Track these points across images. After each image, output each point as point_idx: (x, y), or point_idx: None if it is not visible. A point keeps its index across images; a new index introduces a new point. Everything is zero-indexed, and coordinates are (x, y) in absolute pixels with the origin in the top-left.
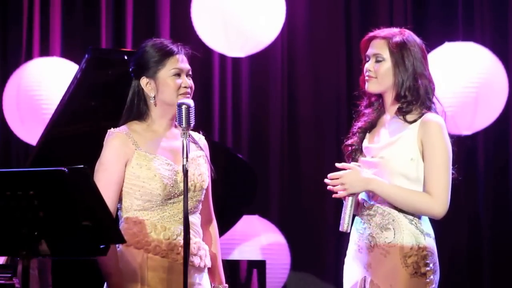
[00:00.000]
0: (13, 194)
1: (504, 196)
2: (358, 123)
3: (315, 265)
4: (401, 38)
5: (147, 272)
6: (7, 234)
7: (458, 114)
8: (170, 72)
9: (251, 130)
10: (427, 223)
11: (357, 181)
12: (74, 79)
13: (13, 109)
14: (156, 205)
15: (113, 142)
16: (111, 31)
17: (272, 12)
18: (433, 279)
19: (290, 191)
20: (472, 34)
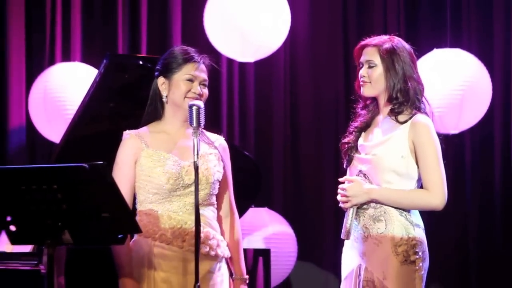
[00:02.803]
0: (38, 188)
1: (489, 190)
2: (354, 123)
3: (315, 255)
4: (391, 45)
5: (153, 259)
6: (34, 225)
7: (446, 115)
8: (184, 77)
9: (257, 129)
10: (416, 215)
11: (360, 193)
12: (93, 82)
13: (39, 110)
14: (164, 198)
15: (124, 142)
16: (127, 38)
17: (278, 22)
18: (422, 266)
19: (292, 186)
20: (459, 41)
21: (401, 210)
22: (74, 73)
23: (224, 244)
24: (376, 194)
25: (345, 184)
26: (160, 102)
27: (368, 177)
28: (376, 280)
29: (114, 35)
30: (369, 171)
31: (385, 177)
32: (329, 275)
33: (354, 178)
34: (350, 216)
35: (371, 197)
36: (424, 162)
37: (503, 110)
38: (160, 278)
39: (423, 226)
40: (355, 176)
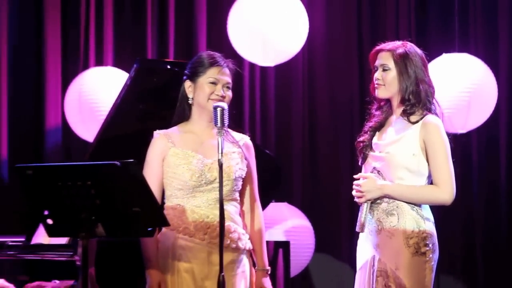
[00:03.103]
0: (73, 184)
1: (495, 186)
2: (369, 123)
3: (332, 247)
4: (404, 50)
5: (177, 250)
6: (69, 218)
7: (454, 115)
8: (208, 80)
9: (277, 129)
10: (427, 210)
11: (373, 188)
12: (124, 85)
13: (74, 112)
14: (188, 193)
15: (153, 142)
16: (155, 44)
17: (296, 29)
18: (432, 257)
19: (310, 182)
20: (467, 46)
21: (413, 204)
22: (106, 76)
23: (245, 237)
24: (388, 190)
25: (360, 180)
26: (187, 104)
27: (381, 174)
28: (389, 270)
29: (144, 41)
30: (382, 168)
31: (397, 173)
32: (344, 265)
33: (368, 174)
34: (365, 210)
35: (384, 192)
36: (434, 160)
37: (507, 112)
38: (183, 268)
39: (433, 220)
40: (369, 173)
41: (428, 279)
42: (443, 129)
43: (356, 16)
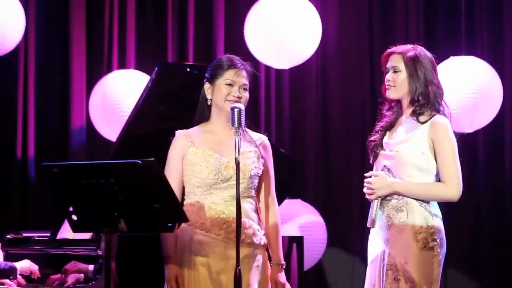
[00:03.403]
0: (97, 182)
1: (500, 184)
2: (380, 123)
3: (344, 241)
4: (414, 53)
5: (194, 245)
6: (93, 214)
7: (461, 116)
8: (225, 82)
9: (291, 129)
10: (435, 206)
11: (384, 186)
12: (146, 87)
13: (98, 112)
14: (206, 190)
15: (174, 141)
16: (176, 47)
17: (310, 33)
18: (439, 252)
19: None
20: (473, 49)
21: (421, 201)
22: (129, 79)
23: (260, 233)
24: (398, 187)
25: (370, 178)
26: (206, 105)
27: (391, 172)
28: (399, 264)
29: (165, 45)
30: (392, 166)
31: (407, 171)
32: (356, 259)
33: (379, 172)
34: (375, 206)
35: (394, 189)
36: (442, 158)
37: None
38: (199, 262)
39: (441, 216)
40: (380, 171)
41: (436, 273)
42: (450, 129)
43: (367, 21)
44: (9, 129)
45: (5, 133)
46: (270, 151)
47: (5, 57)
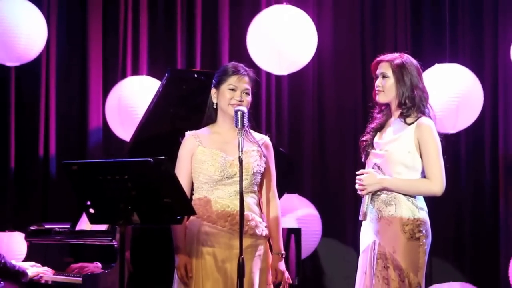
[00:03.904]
0: (112, 178)
1: (481, 180)
2: (371, 125)
3: (338, 233)
4: (401, 60)
5: (201, 236)
6: (108, 208)
7: (445, 117)
8: (228, 87)
9: (290, 129)
10: (421, 200)
11: (374, 182)
12: (157, 92)
13: (114, 115)
14: (212, 186)
15: (184, 141)
16: (184, 55)
17: (307, 43)
18: (425, 242)
19: (319, 176)
20: (456, 57)
21: (408, 196)
22: (141, 84)
23: (262, 225)
24: (387, 183)
25: (362, 176)
26: (213, 109)
27: (381, 169)
28: (388, 253)
29: (174, 53)
30: (382, 164)
31: (395, 169)
32: (349, 249)
33: (369, 170)
34: (366, 201)
35: (383, 185)
36: (427, 156)
37: (492, 115)
38: (205, 251)
39: (426, 209)
40: (371, 168)
41: (421, 261)
42: (435, 130)
43: (359, 31)
44: (33, 130)
45: (29, 134)
46: (271, 150)
47: (28, 65)
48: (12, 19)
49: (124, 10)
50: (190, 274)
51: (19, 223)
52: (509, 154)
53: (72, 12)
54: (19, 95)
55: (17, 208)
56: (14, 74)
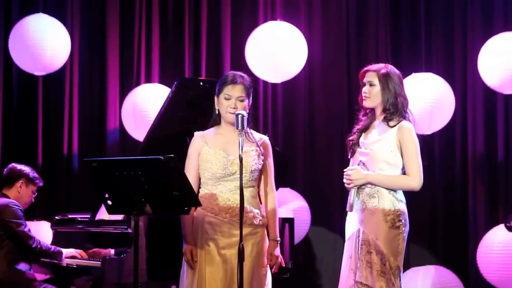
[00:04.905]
0: (128, 174)
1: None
2: (357, 126)
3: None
4: (386, 70)
5: (205, 225)
6: (124, 200)
7: (421, 121)
8: (224, 96)
9: (284, 130)
10: (400, 193)
11: (360, 177)
12: (167, 98)
13: (129, 118)
14: (216, 182)
15: (192, 141)
16: (191, 65)
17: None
18: (404, 230)
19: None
20: (431, 67)
21: (390, 189)
22: (154, 91)
23: (259, 215)
24: (371, 178)
25: (349, 171)
26: (218, 114)
27: (366, 166)
28: (371, 240)
29: (182, 63)
30: (367, 161)
31: (378, 165)
32: (336, 236)
33: (355, 167)
34: (353, 194)
35: (368, 180)
36: (407, 155)
37: (462, 118)
38: (208, 238)
39: (405, 201)
40: (356, 165)
41: (401, 247)
42: (414, 132)
43: (345, 44)
44: (58, 130)
45: (54, 134)
46: (270, 149)
47: (54, 74)
48: (39, 34)
49: (139, 26)
50: (195, 258)
51: (45, 213)
52: (477, 152)
53: (92, 27)
54: (46, 100)
55: (44, 199)
56: (42, 82)
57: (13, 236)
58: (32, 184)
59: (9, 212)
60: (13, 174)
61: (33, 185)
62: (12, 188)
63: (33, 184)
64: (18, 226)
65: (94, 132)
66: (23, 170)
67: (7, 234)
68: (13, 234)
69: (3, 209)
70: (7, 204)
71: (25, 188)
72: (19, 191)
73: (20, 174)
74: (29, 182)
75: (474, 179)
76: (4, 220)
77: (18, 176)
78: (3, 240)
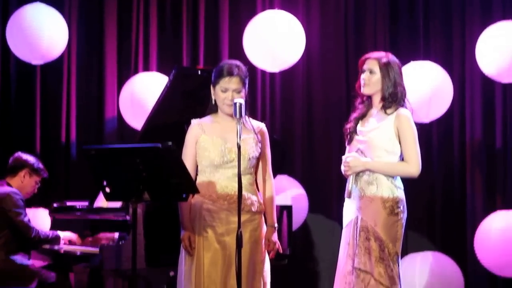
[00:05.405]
0: (126, 161)
1: (450, 163)
2: (354, 114)
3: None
4: (387, 59)
5: (203, 212)
6: (122, 187)
7: (419, 109)
8: (220, 88)
9: (282, 118)
10: (399, 180)
11: (358, 164)
12: (165, 87)
13: (127, 106)
14: (213, 170)
15: (189, 128)
16: (189, 53)
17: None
18: (402, 216)
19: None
20: (429, 55)
21: (388, 176)
22: (152, 80)
23: (257, 202)
24: (370, 165)
25: (348, 158)
26: (214, 103)
27: (364, 153)
28: (369, 227)
29: (180, 52)
30: (365, 149)
31: (376, 153)
32: (334, 223)
33: (354, 154)
34: (351, 181)
35: (366, 167)
36: (405, 142)
37: (460, 106)
38: (206, 225)
39: (403, 188)
40: (354, 152)
41: (399, 233)
42: (412, 120)
43: (343, 33)
44: (56, 119)
45: (52, 122)
46: (267, 136)
47: (52, 63)
48: (37, 23)
49: (137, 14)
50: (193, 245)
51: (44, 201)
52: (475, 140)
53: (90, 16)
54: (44, 89)
55: (42, 187)
56: (40, 71)
57: (12, 226)
58: (36, 175)
59: (10, 201)
60: (18, 163)
61: (37, 176)
62: (16, 177)
63: (37, 174)
64: (18, 215)
65: (92, 121)
66: (28, 160)
67: (6, 224)
68: (12, 224)
69: (3, 198)
70: (8, 193)
71: (29, 178)
72: (22, 180)
73: (25, 164)
74: (33, 173)
75: (472, 166)
76: (4, 209)
77: (22, 165)
78: (2, 229)
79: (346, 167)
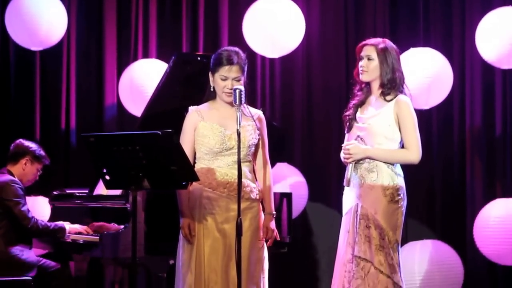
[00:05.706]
0: (125, 149)
1: (450, 150)
2: (352, 101)
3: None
4: (384, 45)
5: (202, 200)
6: (122, 175)
7: (419, 96)
8: (219, 77)
9: (282, 105)
10: (399, 168)
11: (359, 152)
12: (164, 73)
13: (126, 93)
14: (212, 157)
15: (188, 115)
16: (189, 39)
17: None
18: (402, 204)
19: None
20: (429, 42)
21: (388, 164)
22: (151, 66)
23: (256, 190)
24: (370, 153)
25: (348, 146)
26: (213, 89)
27: (363, 140)
28: (370, 214)
29: (180, 38)
30: (364, 136)
31: (376, 140)
32: (333, 211)
33: (353, 141)
34: (350, 169)
35: (367, 154)
36: (405, 129)
37: (460, 93)
38: (207, 213)
39: (403, 175)
40: (354, 140)
41: (399, 221)
42: (411, 106)
43: (343, 18)
44: (55, 106)
45: (52, 109)
46: (264, 123)
47: (51, 49)
48: (35, 8)
49: (136, 0)
50: (193, 233)
51: (43, 189)
52: (475, 128)
53: (90, 2)
54: (43, 75)
55: (42, 174)
56: (39, 57)
57: (11, 216)
58: (37, 162)
59: (9, 190)
60: (19, 150)
61: (39, 163)
62: (17, 164)
63: (38, 162)
64: (17, 205)
65: (91, 107)
66: (30, 147)
67: (5, 213)
68: (11, 214)
69: (2, 187)
70: (7, 182)
71: (30, 165)
72: (24, 168)
73: (26, 151)
74: (34, 160)
75: (472, 153)
76: (3, 198)
77: (24, 152)
78: (2, 219)
79: (346, 155)
